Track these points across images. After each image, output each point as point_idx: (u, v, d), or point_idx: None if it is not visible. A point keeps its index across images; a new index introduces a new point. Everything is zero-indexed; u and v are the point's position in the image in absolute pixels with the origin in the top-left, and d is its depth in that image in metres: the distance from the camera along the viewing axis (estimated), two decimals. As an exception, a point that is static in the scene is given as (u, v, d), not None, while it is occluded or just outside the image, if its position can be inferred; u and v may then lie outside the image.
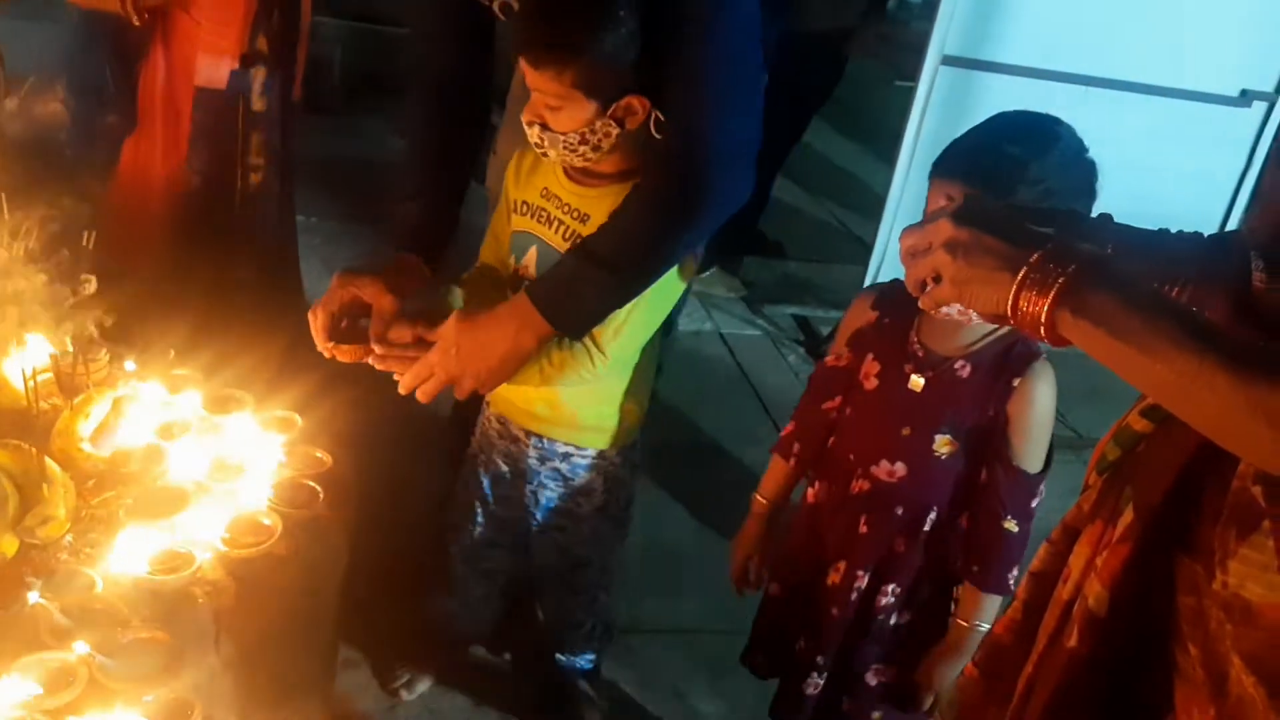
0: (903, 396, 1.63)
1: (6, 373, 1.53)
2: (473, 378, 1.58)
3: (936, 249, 0.97)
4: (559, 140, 1.56)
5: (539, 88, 1.54)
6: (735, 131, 1.56)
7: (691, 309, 3.90)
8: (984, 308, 0.95)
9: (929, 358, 1.62)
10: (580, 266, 1.56)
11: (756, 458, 3.12)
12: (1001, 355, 1.59)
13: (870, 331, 1.70)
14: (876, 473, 1.66)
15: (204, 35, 2.33)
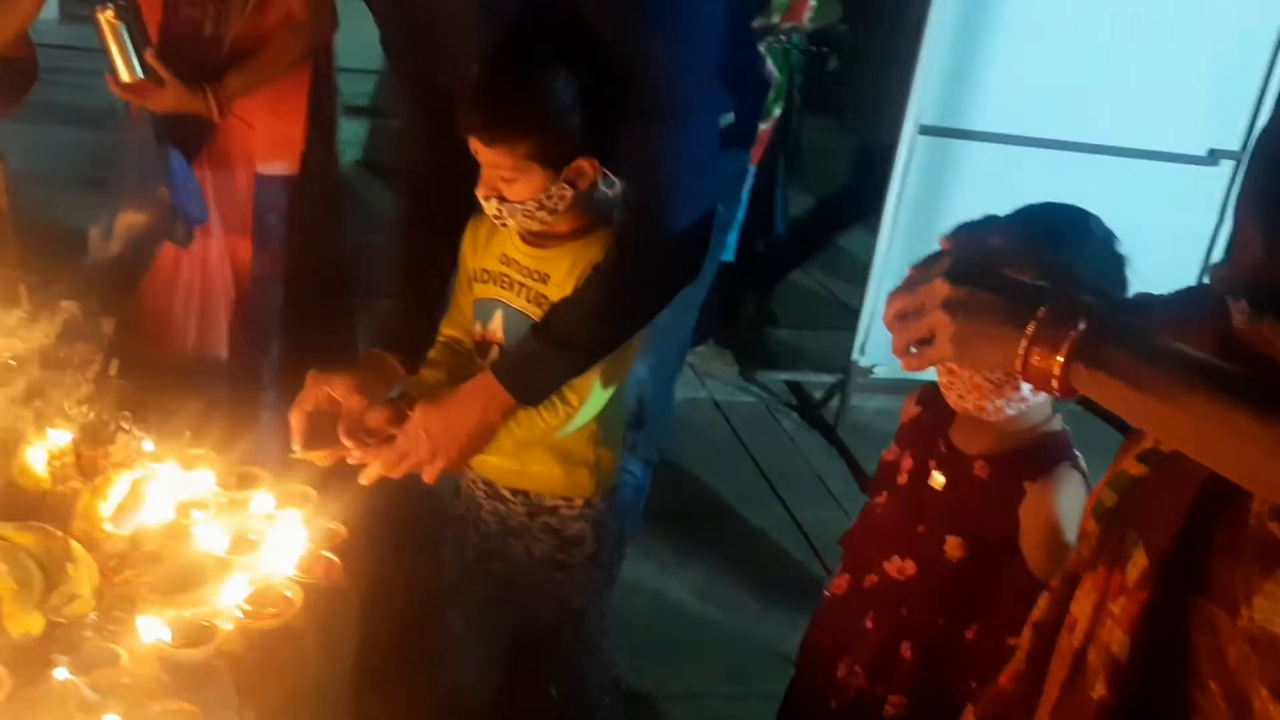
0: (924, 494, 1.59)
1: (28, 458, 1.57)
2: (443, 458, 1.64)
3: (932, 309, 0.97)
4: (517, 209, 1.62)
5: (493, 163, 1.59)
6: (691, 216, 1.64)
7: (686, 378, 3.95)
8: (989, 364, 0.96)
9: (952, 456, 1.57)
10: (544, 347, 1.64)
11: (757, 522, 3.18)
12: (1021, 457, 1.50)
13: (911, 427, 1.68)
14: (888, 568, 1.62)
15: (262, 126, 2.42)
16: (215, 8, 2.28)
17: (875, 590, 1.65)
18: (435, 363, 1.83)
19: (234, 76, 2.32)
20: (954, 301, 0.96)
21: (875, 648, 1.64)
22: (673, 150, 1.61)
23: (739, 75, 1.88)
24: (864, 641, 1.65)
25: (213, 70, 2.30)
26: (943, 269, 0.99)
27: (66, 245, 2.44)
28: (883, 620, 1.63)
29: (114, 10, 2.18)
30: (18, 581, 1.31)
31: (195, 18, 2.29)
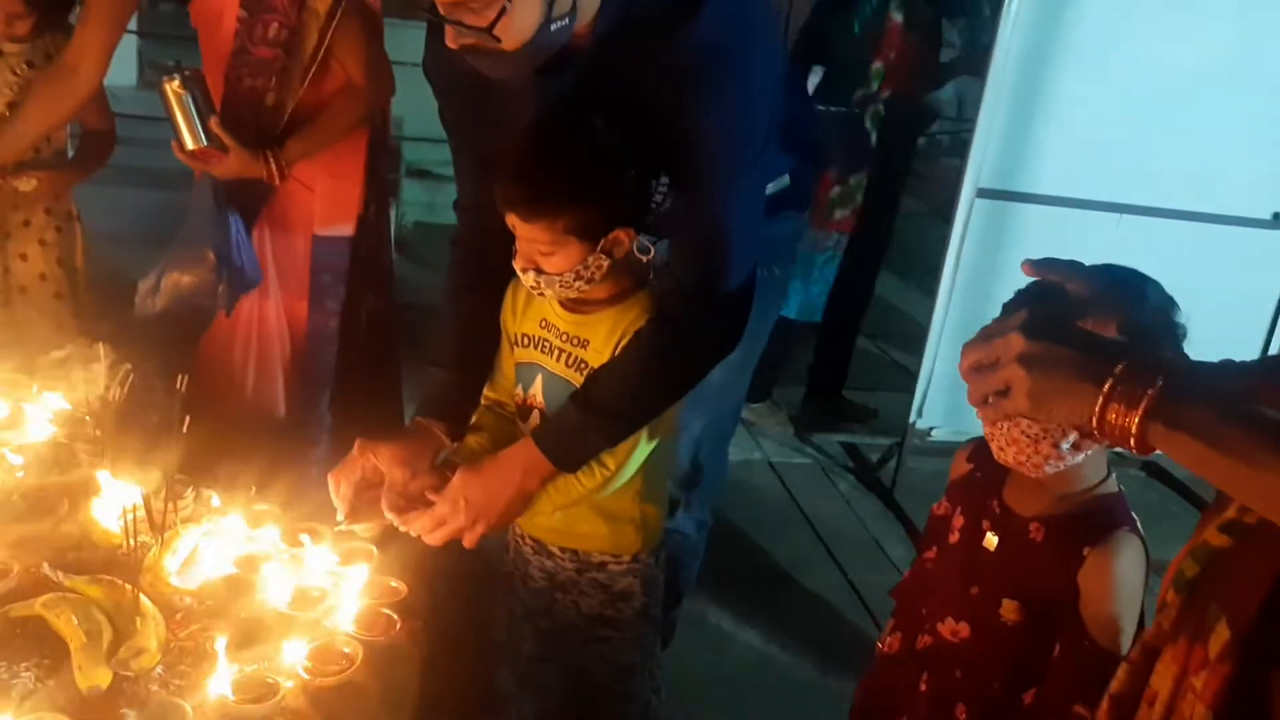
0: (977, 554, 1.57)
1: (100, 512, 1.60)
2: (482, 524, 1.66)
3: (1007, 363, 0.96)
4: (555, 280, 1.64)
5: (531, 238, 1.61)
6: (733, 285, 1.66)
7: (740, 438, 3.94)
8: (1065, 419, 0.94)
9: (1006, 516, 1.55)
10: (585, 415, 1.65)
11: (814, 586, 3.13)
12: (1079, 521, 1.47)
13: (963, 484, 1.66)
14: (942, 630, 1.60)
15: (321, 189, 2.48)
16: (278, 78, 2.35)
17: (929, 652, 1.63)
18: (479, 427, 1.85)
19: (294, 142, 2.39)
20: (1029, 356, 0.95)
21: (929, 710, 1.61)
22: (717, 219, 1.63)
23: (795, 137, 1.90)
24: (918, 703, 1.63)
25: (273, 136, 2.37)
26: (1019, 321, 0.98)
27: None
28: (937, 682, 1.61)
29: (180, 80, 2.25)
30: (88, 634, 1.33)
31: (258, 88, 2.35)
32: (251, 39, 2.32)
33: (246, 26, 2.32)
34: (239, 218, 2.41)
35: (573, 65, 1.56)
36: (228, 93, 2.35)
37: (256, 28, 2.31)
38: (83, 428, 1.83)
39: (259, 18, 2.31)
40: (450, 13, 1.42)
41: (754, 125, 1.61)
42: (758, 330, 2.06)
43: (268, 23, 2.31)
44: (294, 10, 2.30)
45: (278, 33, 2.31)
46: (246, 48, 2.33)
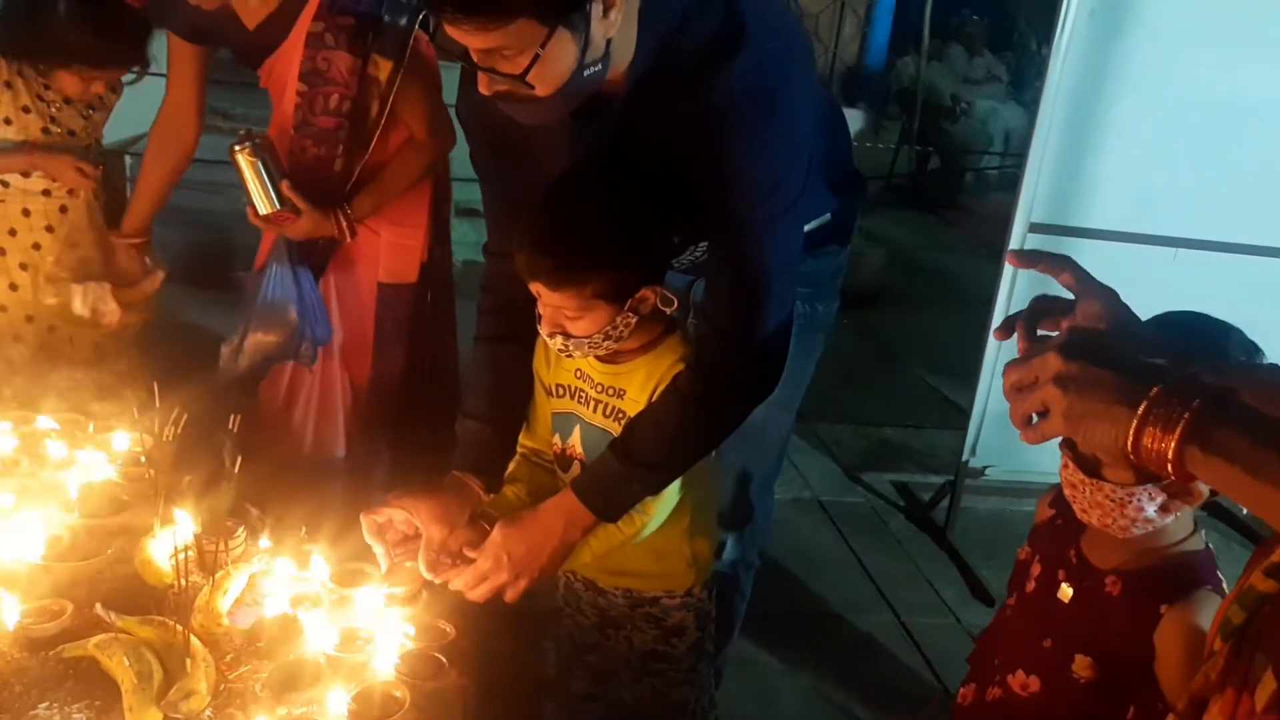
0: (1051, 605, 1.51)
1: (151, 552, 1.61)
2: (525, 579, 1.66)
3: (1044, 383, 0.95)
4: (583, 343, 1.64)
5: (557, 304, 1.61)
6: (769, 332, 1.65)
7: (789, 477, 3.90)
8: (1101, 443, 0.92)
9: (1082, 567, 1.49)
10: (624, 467, 1.66)
11: (865, 628, 3.08)
12: (1158, 577, 1.41)
13: (1043, 530, 1.61)
14: (1011, 682, 1.54)
15: (386, 237, 2.51)
16: (344, 145, 2.37)
17: (998, 705, 1.57)
18: (515, 478, 1.84)
19: (362, 199, 2.42)
20: (1065, 376, 0.94)
21: None
22: (754, 265, 1.62)
23: (834, 173, 1.89)
24: None
25: (342, 196, 2.40)
26: (1058, 341, 0.97)
27: (195, 346, 2.55)
28: None
29: (250, 148, 2.28)
30: (139, 676, 1.34)
31: (323, 156, 2.38)
32: (312, 110, 2.35)
33: (306, 100, 2.34)
34: (309, 273, 2.45)
35: (608, 111, 1.56)
36: (294, 161, 2.38)
37: (317, 100, 2.34)
38: (138, 468, 1.85)
39: (319, 90, 2.33)
40: (484, 60, 1.42)
41: (792, 169, 1.60)
42: (801, 368, 2.04)
43: (328, 95, 2.33)
44: (354, 80, 2.32)
45: (339, 103, 2.33)
46: (308, 120, 2.36)
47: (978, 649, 1.71)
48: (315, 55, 2.31)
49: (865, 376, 5.14)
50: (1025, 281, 3.44)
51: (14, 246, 2.58)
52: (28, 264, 2.60)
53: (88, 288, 2.57)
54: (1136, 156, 3.38)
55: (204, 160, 2.81)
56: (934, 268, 7.22)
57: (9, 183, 2.54)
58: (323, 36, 2.30)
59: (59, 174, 2.53)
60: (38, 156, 2.50)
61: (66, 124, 2.55)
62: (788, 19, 1.68)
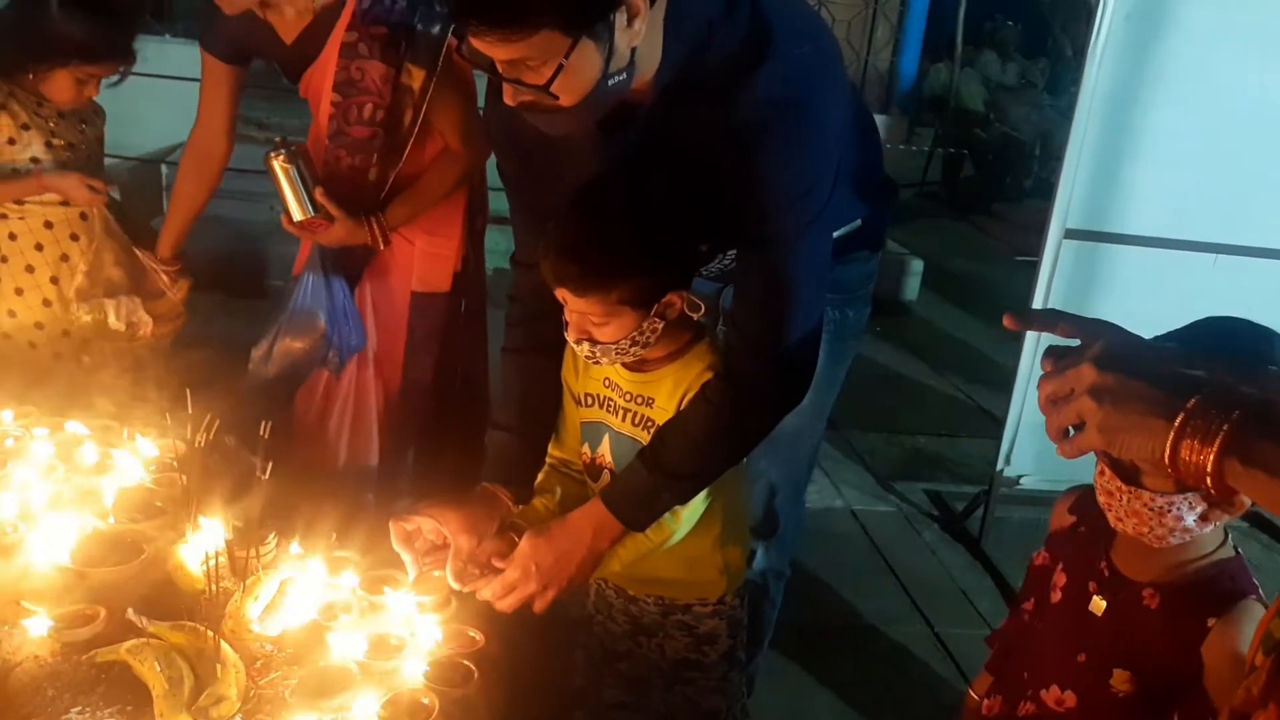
0: (1082, 618, 1.47)
1: (183, 557, 1.62)
2: (554, 589, 1.65)
3: (1079, 395, 0.93)
4: (610, 349, 1.63)
5: (583, 311, 1.60)
6: (799, 340, 1.64)
7: (821, 485, 3.88)
8: (1137, 454, 0.91)
9: (1115, 580, 1.45)
10: (654, 476, 1.65)
11: (899, 639, 3.05)
12: (1198, 589, 1.37)
13: (1064, 538, 1.57)
14: (1045, 698, 1.50)
15: (420, 246, 2.52)
16: (378, 155, 2.39)
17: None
18: (544, 489, 1.84)
19: (396, 208, 2.43)
20: (1101, 388, 0.92)
21: None
22: (782, 275, 1.61)
23: (864, 180, 1.87)
24: None
25: (376, 204, 2.42)
26: (1094, 353, 0.95)
27: (230, 354, 2.57)
28: None
29: (285, 155, 2.31)
30: (169, 681, 1.34)
31: (357, 165, 2.39)
32: (346, 120, 2.36)
33: (341, 110, 2.36)
34: (344, 282, 2.47)
35: (634, 121, 1.55)
36: (329, 170, 2.40)
37: (351, 109, 2.35)
38: (171, 473, 1.86)
39: (352, 100, 2.35)
40: (508, 71, 1.42)
41: (820, 176, 1.58)
42: (832, 375, 2.03)
43: (361, 104, 2.35)
44: (388, 90, 2.34)
45: (373, 113, 2.35)
46: (343, 129, 2.37)
47: (997, 655, 1.68)
48: (349, 65, 2.33)
49: (898, 385, 5.11)
50: (1060, 288, 3.41)
51: (41, 261, 2.60)
52: (58, 276, 2.62)
53: (120, 302, 2.61)
54: (1174, 161, 3.33)
55: (240, 170, 2.84)
56: (967, 275, 7.17)
57: (25, 200, 2.55)
58: (356, 46, 2.32)
59: (69, 194, 2.55)
60: (47, 179, 2.52)
61: (65, 138, 2.57)
62: (815, 24, 1.67)
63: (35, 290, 2.61)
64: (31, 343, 2.62)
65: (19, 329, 2.61)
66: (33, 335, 2.62)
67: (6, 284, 2.60)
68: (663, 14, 1.48)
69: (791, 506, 2.26)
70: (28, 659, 1.41)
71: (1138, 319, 1.40)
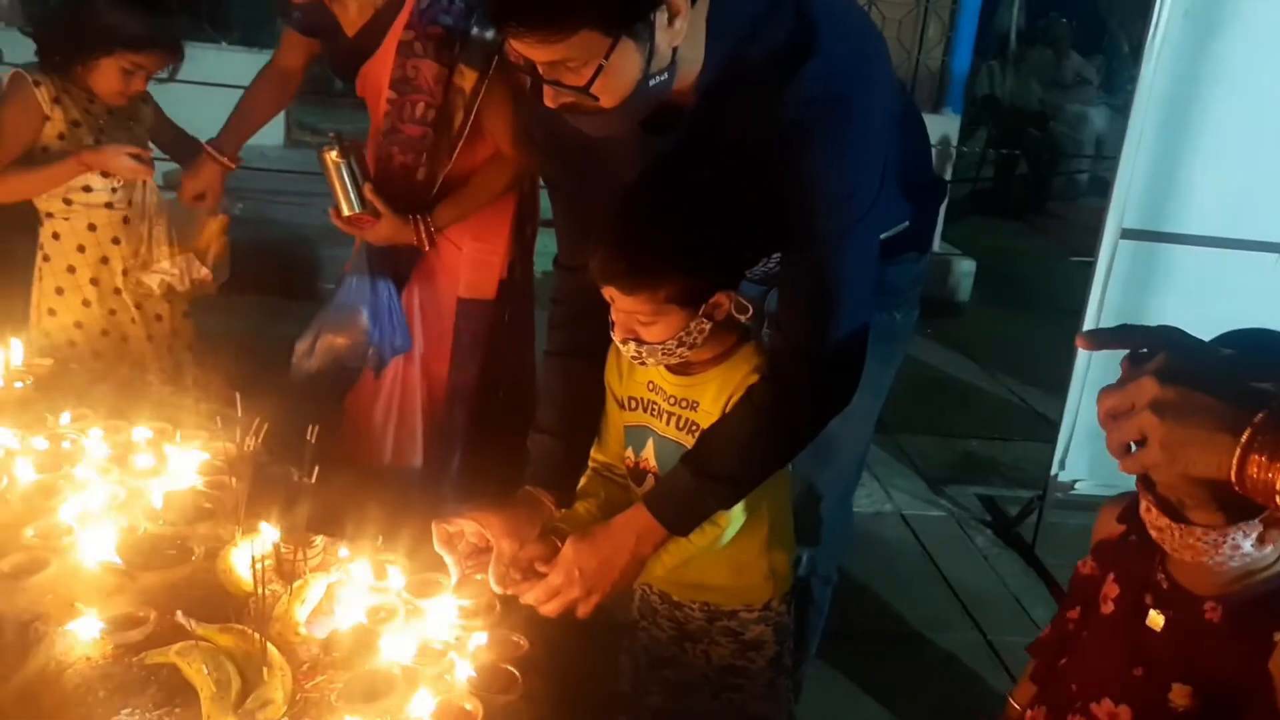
0: (1138, 631, 1.41)
1: (233, 560, 1.64)
2: (598, 594, 1.64)
3: (1140, 410, 0.91)
4: (657, 349, 1.62)
5: (630, 309, 1.58)
6: (845, 342, 1.62)
7: (871, 490, 3.84)
8: (1202, 472, 0.88)
9: (1174, 592, 1.38)
10: (697, 480, 1.63)
11: (950, 646, 3.00)
12: (1266, 601, 1.32)
13: (1114, 547, 1.50)
14: (1096, 711, 1.44)
15: (467, 251, 2.54)
16: (428, 154, 2.42)
17: None
18: (586, 493, 1.83)
19: (444, 209, 2.45)
20: (1162, 403, 0.90)
21: None
22: (828, 277, 1.59)
23: (913, 180, 1.85)
24: None
25: (424, 204, 2.44)
26: (1155, 365, 0.92)
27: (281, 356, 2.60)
28: None
29: (339, 150, 2.35)
30: (217, 684, 1.35)
31: (408, 163, 2.42)
32: (401, 117, 2.40)
33: (396, 106, 2.40)
34: (391, 283, 2.49)
35: (677, 121, 1.54)
36: (380, 167, 2.44)
37: (405, 107, 2.39)
38: (221, 476, 1.89)
39: (407, 98, 2.39)
40: (548, 73, 1.41)
41: (866, 177, 1.56)
42: (880, 378, 2.00)
43: (415, 102, 2.38)
44: (440, 90, 2.37)
45: (424, 112, 2.38)
46: (397, 126, 2.41)
47: (1040, 665, 1.64)
48: (405, 63, 2.37)
49: (950, 387, 5.05)
50: (1116, 289, 3.34)
51: (83, 262, 2.66)
52: (98, 278, 2.68)
53: (175, 262, 2.69)
54: (1233, 159, 3.26)
55: (294, 171, 2.87)
56: (1021, 276, 7.07)
57: (72, 200, 2.61)
58: (413, 45, 2.36)
59: (112, 166, 2.57)
60: (86, 155, 2.54)
61: (112, 135, 2.62)
62: (860, 21, 1.64)
63: (76, 290, 2.67)
64: (71, 341, 2.68)
65: (59, 328, 2.68)
66: (72, 334, 2.68)
67: (48, 282, 2.67)
68: (705, 13, 1.47)
69: (839, 511, 2.23)
70: (79, 660, 1.43)
71: (1195, 321, 1.36)
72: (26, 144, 2.54)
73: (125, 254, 2.68)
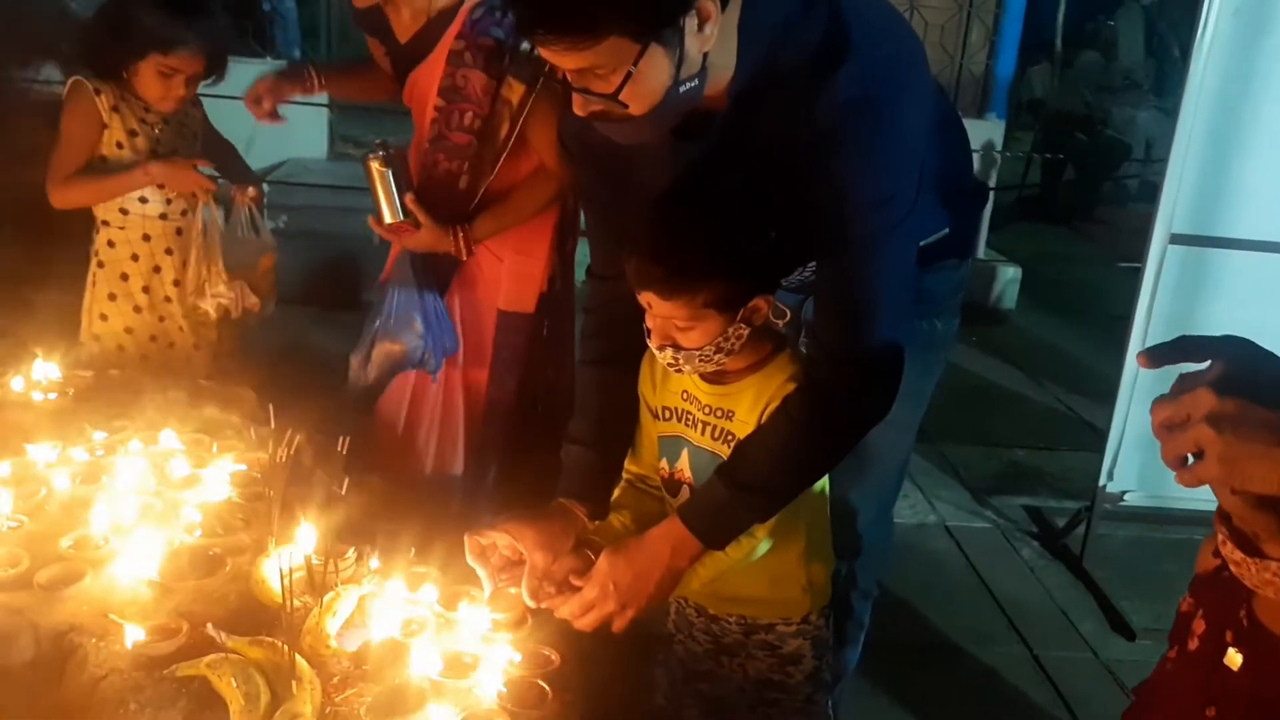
0: (1217, 670, 1.33)
1: (266, 572, 1.64)
2: (632, 608, 1.62)
3: (1197, 422, 0.88)
4: (694, 356, 1.59)
5: (667, 315, 1.56)
6: (881, 358, 1.58)
7: (914, 500, 3.79)
8: (1260, 488, 0.85)
9: (1254, 631, 1.30)
10: (733, 493, 1.60)
11: (994, 661, 2.95)
12: None
13: (1209, 582, 1.42)
14: None
15: (508, 264, 2.54)
16: (471, 163, 2.43)
17: None
18: (620, 505, 1.81)
19: (484, 220, 2.46)
20: (1220, 415, 0.86)
21: None
22: (864, 285, 1.56)
23: (952, 186, 1.81)
24: None
25: (465, 214, 2.45)
26: (1212, 375, 0.89)
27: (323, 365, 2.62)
28: None
29: (383, 158, 2.37)
30: (246, 697, 1.35)
31: (453, 170, 2.44)
32: (448, 125, 2.42)
33: (444, 114, 2.42)
34: (435, 292, 2.51)
35: (708, 128, 1.52)
36: (424, 174, 2.46)
37: (453, 115, 2.41)
38: (257, 488, 1.89)
39: (455, 106, 2.41)
40: (577, 81, 1.40)
41: (902, 182, 1.53)
42: (920, 387, 1.97)
43: (463, 111, 2.40)
44: (488, 100, 2.39)
45: (472, 121, 2.40)
46: (444, 134, 2.43)
47: (1136, 706, 1.56)
48: (455, 72, 2.39)
49: (995, 396, 4.97)
50: (1166, 295, 3.27)
51: (136, 271, 2.71)
52: (149, 287, 2.72)
53: (230, 286, 2.71)
54: (1288, 161, 3.17)
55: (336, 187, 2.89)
56: (1068, 282, 6.96)
57: (129, 210, 2.65)
58: (463, 54, 2.38)
59: (178, 182, 2.62)
60: (154, 167, 2.58)
61: (169, 144, 2.66)
62: (897, 25, 1.61)
63: (127, 297, 2.72)
64: (120, 346, 2.73)
65: (110, 333, 2.73)
66: (122, 339, 2.73)
67: (101, 288, 2.72)
68: (736, 17, 1.45)
69: (879, 523, 2.20)
70: (112, 672, 1.44)
71: (1248, 328, 1.30)
72: (89, 152, 2.60)
73: (176, 264, 2.72)
